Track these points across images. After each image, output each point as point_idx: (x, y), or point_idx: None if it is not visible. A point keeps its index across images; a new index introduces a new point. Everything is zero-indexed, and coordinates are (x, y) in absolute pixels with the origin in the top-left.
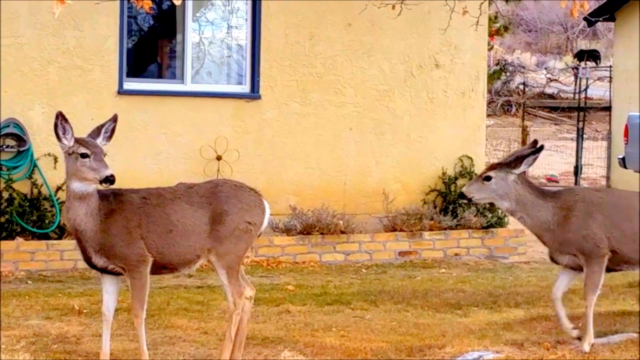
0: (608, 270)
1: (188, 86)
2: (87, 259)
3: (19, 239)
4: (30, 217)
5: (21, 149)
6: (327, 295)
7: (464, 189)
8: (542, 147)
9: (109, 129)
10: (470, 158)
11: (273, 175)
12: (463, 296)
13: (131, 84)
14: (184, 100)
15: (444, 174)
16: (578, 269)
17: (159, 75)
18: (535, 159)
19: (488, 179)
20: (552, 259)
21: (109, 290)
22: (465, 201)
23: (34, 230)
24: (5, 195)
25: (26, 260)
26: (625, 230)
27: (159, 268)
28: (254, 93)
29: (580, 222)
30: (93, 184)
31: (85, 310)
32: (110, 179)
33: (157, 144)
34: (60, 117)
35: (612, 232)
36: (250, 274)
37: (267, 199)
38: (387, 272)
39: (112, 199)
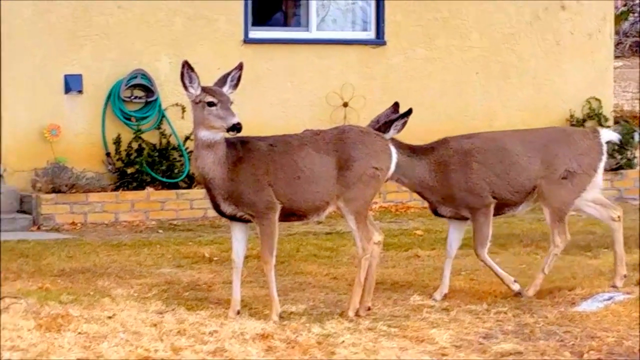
0: (493, 215)
1: (313, 34)
2: (216, 207)
3: (149, 189)
4: (160, 167)
5: (149, 99)
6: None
7: None
8: (410, 111)
9: (235, 77)
10: (599, 100)
11: None
12: (593, 238)
13: (257, 33)
14: (309, 47)
15: (571, 116)
16: (464, 218)
17: (284, 24)
18: (404, 124)
19: None
20: (435, 213)
21: (239, 238)
22: None
23: (164, 179)
24: (135, 145)
25: (156, 209)
26: (499, 174)
27: (288, 215)
28: (379, 39)
29: (459, 176)
30: (220, 132)
31: (215, 258)
32: (237, 127)
33: (283, 92)
34: (187, 67)
35: (490, 178)
36: (378, 220)
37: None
38: (515, 216)
39: (240, 147)
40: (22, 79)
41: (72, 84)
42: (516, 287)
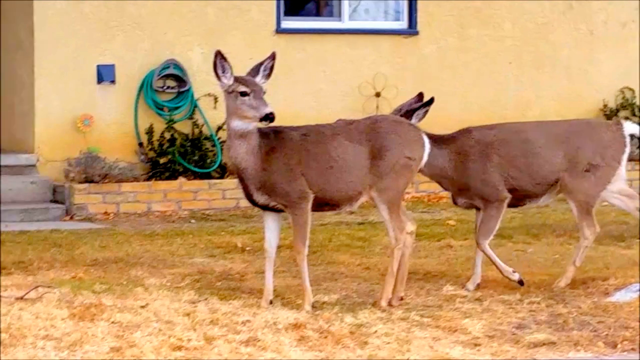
0: (513, 206)
1: (346, 24)
2: (249, 197)
3: (182, 179)
4: (192, 157)
5: (181, 89)
6: None
7: None
8: (432, 100)
9: (267, 67)
10: (632, 90)
11: (432, 110)
12: (626, 228)
13: (289, 23)
14: (341, 37)
15: (605, 106)
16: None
17: (317, 13)
18: (426, 112)
19: None
20: (455, 203)
21: (271, 228)
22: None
23: (196, 169)
24: (167, 135)
25: (189, 199)
26: (520, 166)
27: (320, 205)
28: (412, 29)
29: (477, 166)
30: (253, 122)
31: (248, 248)
32: (270, 117)
33: (315, 82)
34: (219, 56)
35: (509, 171)
36: (411, 210)
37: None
38: (549, 206)
39: (273, 137)
40: (55, 70)
41: (105, 74)
42: (516, 276)
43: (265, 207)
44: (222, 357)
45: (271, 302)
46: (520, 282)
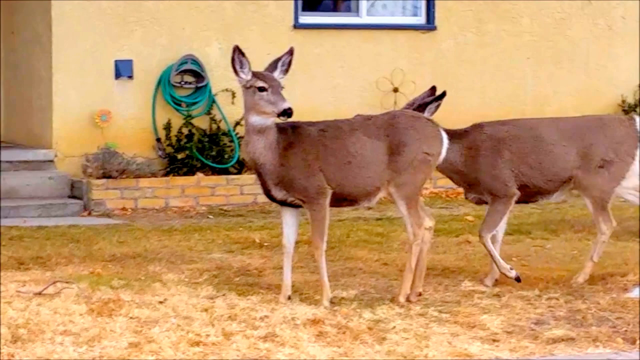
0: (524, 202)
1: (363, 19)
2: (267, 192)
3: (199, 174)
4: (210, 152)
5: (199, 85)
6: (507, 225)
7: None
8: (444, 94)
9: (285, 62)
10: None
11: (450, 106)
12: None
13: (307, 18)
14: (359, 33)
15: (623, 101)
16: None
17: (334, 9)
18: (438, 106)
19: None
20: (466, 197)
21: (289, 223)
22: None
23: (214, 165)
24: (185, 131)
25: (206, 195)
26: (531, 163)
27: (339, 200)
28: (430, 24)
29: (488, 161)
30: (271, 117)
31: (266, 244)
32: (288, 112)
33: (333, 77)
34: (237, 51)
35: (520, 168)
36: (429, 205)
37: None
38: (567, 201)
39: (291, 132)
40: (73, 65)
41: (123, 70)
42: (513, 273)
43: (283, 203)
44: (240, 352)
45: (289, 298)
46: (517, 279)
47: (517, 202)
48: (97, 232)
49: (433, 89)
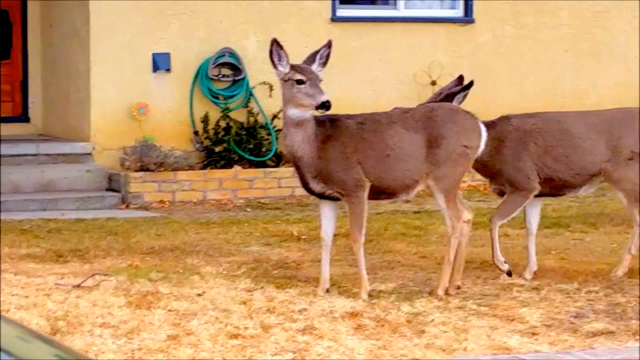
0: (551, 195)
1: (401, 11)
2: (305, 185)
3: (237, 167)
4: (247, 145)
5: (237, 78)
6: (545, 219)
7: None
8: (471, 84)
9: (323, 55)
10: None
11: (488, 99)
12: None
13: (344, 11)
14: (397, 25)
15: None
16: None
17: (372, 2)
18: (465, 96)
19: None
20: (490, 189)
21: (327, 216)
22: None
23: (252, 158)
24: (223, 124)
25: (244, 188)
26: (557, 156)
27: (377, 193)
28: (468, 17)
29: (512, 153)
30: (309, 110)
31: (303, 236)
32: (326, 105)
33: (371, 70)
34: (275, 44)
35: (545, 161)
36: (467, 199)
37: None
38: (606, 195)
39: (329, 125)
40: (111, 58)
41: (160, 63)
42: (505, 267)
43: (321, 196)
44: (278, 345)
45: (327, 291)
46: (509, 274)
47: (544, 195)
48: (135, 225)
49: (460, 78)
